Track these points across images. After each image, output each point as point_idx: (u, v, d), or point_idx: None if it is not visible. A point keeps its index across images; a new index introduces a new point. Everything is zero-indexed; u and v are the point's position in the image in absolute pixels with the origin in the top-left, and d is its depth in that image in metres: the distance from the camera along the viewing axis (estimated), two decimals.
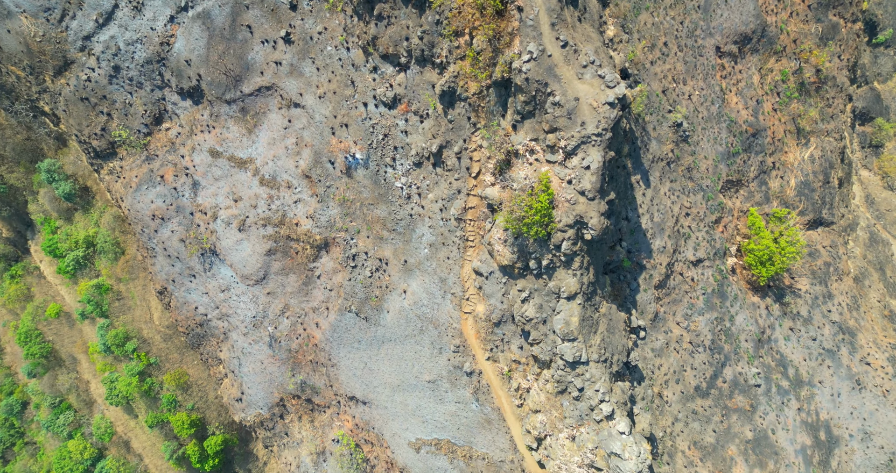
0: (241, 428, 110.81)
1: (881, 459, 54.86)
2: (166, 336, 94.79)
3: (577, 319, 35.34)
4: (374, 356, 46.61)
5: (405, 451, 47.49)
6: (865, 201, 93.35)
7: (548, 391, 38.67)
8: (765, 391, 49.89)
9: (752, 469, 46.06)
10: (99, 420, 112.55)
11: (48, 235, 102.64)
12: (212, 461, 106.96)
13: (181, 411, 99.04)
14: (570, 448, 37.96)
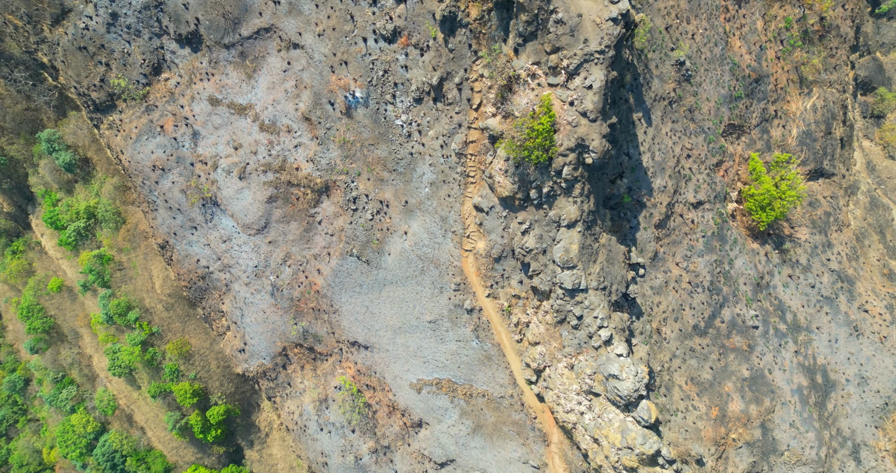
0: (244, 399, 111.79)
1: (877, 403, 55.49)
2: (168, 305, 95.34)
3: (577, 246, 35.55)
4: (376, 300, 46.92)
5: (406, 393, 48.02)
6: (866, 167, 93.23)
7: (547, 322, 39.02)
8: (762, 334, 50.34)
9: (749, 404, 46.63)
10: (101, 394, 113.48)
11: (49, 207, 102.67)
12: (214, 431, 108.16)
13: (184, 381, 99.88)
14: (569, 376, 38.40)
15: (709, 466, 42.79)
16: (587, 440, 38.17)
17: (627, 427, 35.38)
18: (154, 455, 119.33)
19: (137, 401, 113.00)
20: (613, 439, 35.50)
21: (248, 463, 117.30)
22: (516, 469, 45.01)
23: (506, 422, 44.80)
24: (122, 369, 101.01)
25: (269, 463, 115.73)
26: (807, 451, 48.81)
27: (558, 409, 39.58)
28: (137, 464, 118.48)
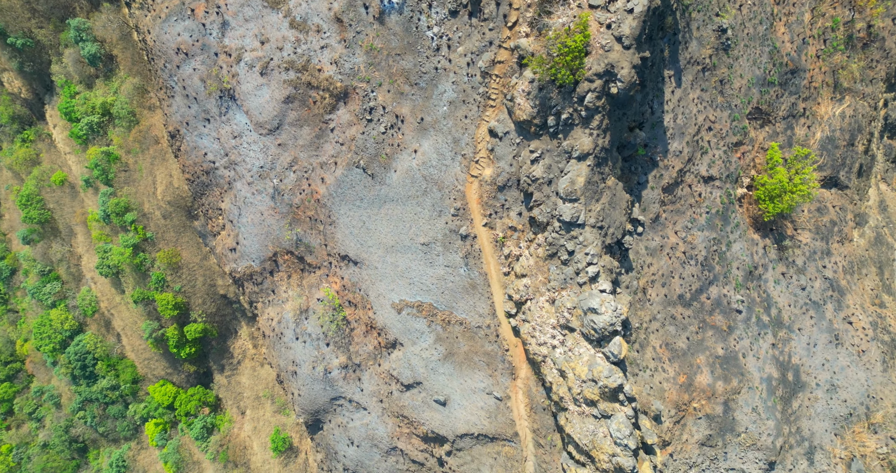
0: (223, 322, 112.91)
1: (841, 411, 56.00)
2: (166, 213, 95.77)
3: (584, 179, 35.49)
4: (374, 216, 47.01)
5: (387, 312, 48.43)
6: (879, 205, 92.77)
7: (538, 255, 39.16)
8: (744, 319, 50.58)
9: (717, 380, 47.06)
10: (85, 293, 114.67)
11: (66, 98, 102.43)
12: (189, 348, 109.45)
13: (168, 292, 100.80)
14: (548, 310, 38.69)
15: (665, 425, 43.34)
16: (554, 373, 38.62)
17: (596, 361, 35.75)
18: (125, 364, 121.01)
19: (119, 306, 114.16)
20: (580, 371, 35.90)
21: (215, 388, 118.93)
22: (479, 399, 45.63)
23: (478, 352, 45.28)
24: (110, 269, 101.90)
25: (236, 391, 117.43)
26: (763, 438, 49.40)
27: (531, 341, 39.98)
28: (107, 370, 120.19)
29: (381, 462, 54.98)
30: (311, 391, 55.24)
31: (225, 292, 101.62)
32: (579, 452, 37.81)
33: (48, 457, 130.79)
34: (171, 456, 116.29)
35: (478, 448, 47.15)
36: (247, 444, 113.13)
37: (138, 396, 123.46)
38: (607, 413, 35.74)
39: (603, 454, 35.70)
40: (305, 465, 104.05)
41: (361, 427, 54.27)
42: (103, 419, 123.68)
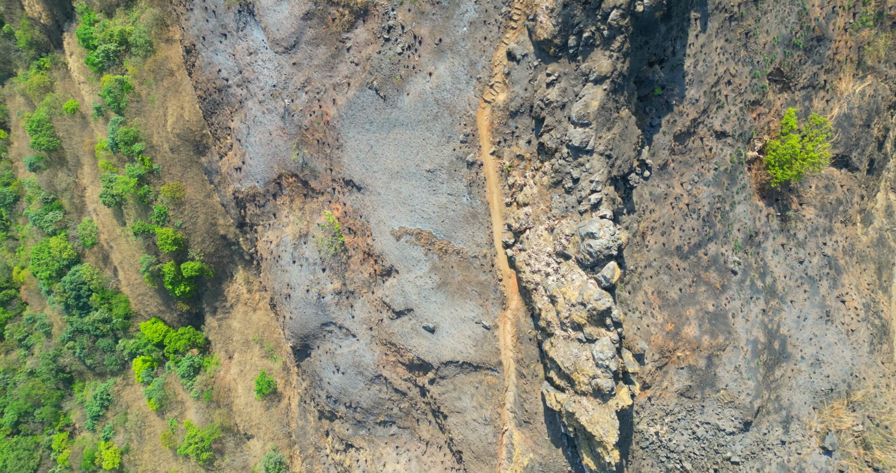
0: (220, 264, 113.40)
1: (823, 386, 56.47)
2: (174, 147, 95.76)
3: (598, 104, 35.36)
4: (382, 140, 46.96)
5: (386, 239, 48.64)
6: (885, 210, 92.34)
7: (542, 184, 39.19)
8: (738, 281, 50.76)
9: (703, 335, 47.39)
10: (86, 223, 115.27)
11: (85, 24, 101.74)
12: (184, 286, 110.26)
13: (169, 226, 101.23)
14: (546, 238, 38.83)
15: (648, 368, 43.76)
16: (544, 300, 38.91)
17: (587, 286, 35.98)
18: (119, 299, 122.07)
19: (118, 239, 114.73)
20: (570, 295, 36.15)
21: (205, 329, 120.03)
22: (467, 327, 46.04)
23: (471, 282, 45.57)
24: (113, 199, 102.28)
25: (226, 334, 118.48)
26: (742, 397, 49.89)
27: (525, 270, 40.21)
28: (101, 302, 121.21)
29: (364, 391, 55.70)
30: (303, 315, 55.73)
31: (225, 232, 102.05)
32: (560, 377, 38.24)
33: (33, 384, 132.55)
34: (156, 393, 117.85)
35: (461, 377, 47.70)
36: (231, 387, 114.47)
37: (129, 332, 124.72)
38: (592, 338, 36.08)
39: (583, 376, 36.10)
40: (287, 410, 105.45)
41: (349, 353, 54.88)
42: (92, 351, 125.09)
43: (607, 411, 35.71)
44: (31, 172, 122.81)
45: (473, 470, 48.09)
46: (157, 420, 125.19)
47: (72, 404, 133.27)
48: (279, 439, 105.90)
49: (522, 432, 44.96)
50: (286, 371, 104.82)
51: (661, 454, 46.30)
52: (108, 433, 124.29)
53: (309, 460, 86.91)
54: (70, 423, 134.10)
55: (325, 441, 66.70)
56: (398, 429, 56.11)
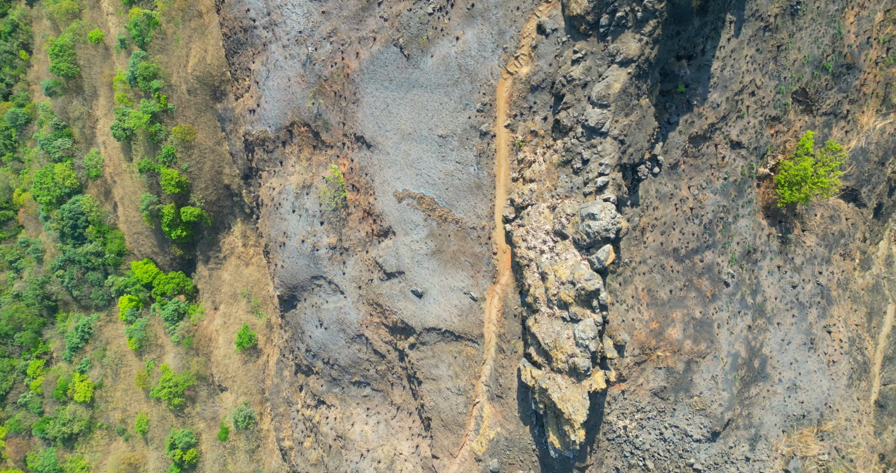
0: (219, 214, 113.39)
1: (795, 411, 56.72)
2: (192, 89, 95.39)
3: (620, 86, 35.20)
4: (399, 100, 46.77)
5: (388, 199, 48.63)
6: (885, 258, 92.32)
7: (551, 162, 39.11)
8: (729, 293, 50.81)
9: (686, 339, 47.53)
10: (93, 154, 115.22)
11: None
12: (180, 230, 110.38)
13: (174, 168, 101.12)
14: (547, 216, 38.83)
15: (626, 361, 43.94)
16: (535, 277, 38.99)
17: (580, 266, 36.05)
18: (115, 235, 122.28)
19: (123, 174, 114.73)
20: (562, 274, 36.22)
21: (195, 278, 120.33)
22: (455, 297, 46.18)
23: (466, 253, 45.62)
24: (124, 132, 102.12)
25: (215, 285, 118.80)
26: (714, 407, 50.13)
27: (521, 244, 40.25)
28: (97, 235, 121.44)
29: (343, 349, 55.98)
30: (295, 265, 55.87)
31: (230, 182, 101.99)
32: (539, 353, 38.42)
33: (17, 308, 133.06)
34: (137, 333, 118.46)
35: (441, 345, 47.92)
36: (213, 337, 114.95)
37: (120, 269, 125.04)
38: (577, 317, 36.19)
39: (562, 354, 36.26)
40: (264, 367, 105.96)
41: (334, 309, 55.08)
42: (80, 282, 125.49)
43: (580, 390, 35.90)
44: (47, 96, 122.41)
45: (440, 438, 48.46)
46: (135, 361, 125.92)
47: (52, 333, 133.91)
48: (252, 394, 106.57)
49: (493, 406, 45.24)
50: (269, 329, 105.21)
51: (626, 449, 46.61)
52: (85, 366, 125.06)
53: (279, 418, 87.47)
54: (48, 352, 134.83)
55: (297, 396, 67.14)
56: (371, 391, 56.47)
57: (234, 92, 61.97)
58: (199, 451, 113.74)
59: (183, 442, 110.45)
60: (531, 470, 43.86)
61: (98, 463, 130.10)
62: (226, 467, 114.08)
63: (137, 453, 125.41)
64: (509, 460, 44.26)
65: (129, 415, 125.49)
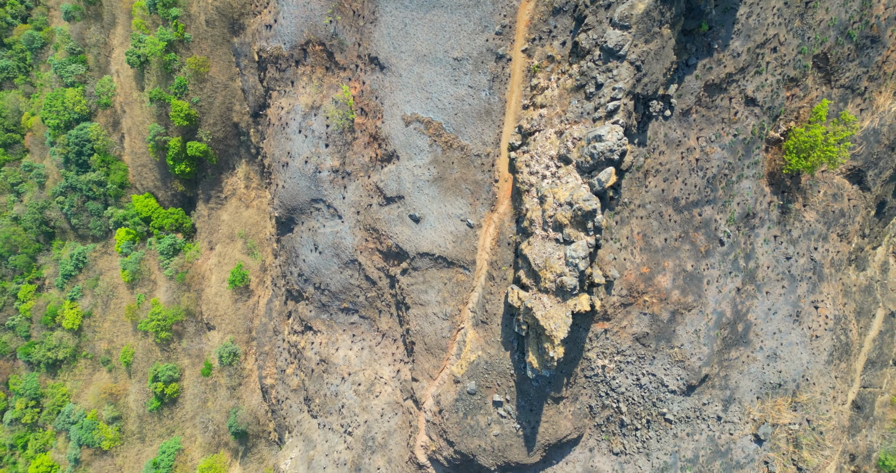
0: (225, 154, 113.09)
1: (772, 380, 57.45)
2: (211, 20, 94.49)
3: (644, 8, 34.96)
4: (418, 20, 46.41)
5: (395, 123, 48.58)
6: (881, 265, 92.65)
7: (564, 87, 39.03)
8: (723, 253, 51.10)
9: (674, 289, 47.94)
10: (106, 81, 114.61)
11: None
12: (184, 165, 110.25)
13: (185, 100, 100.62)
14: (553, 141, 38.88)
15: (613, 299, 44.36)
16: (533, 201, 39.19)
17: (580, 188, 36.22)
18: (119, 166, 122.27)
19: (133, 104, 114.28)
20: (561, 195, 36.41)
21: (194, 216, 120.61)
22: (452, 223, 46.42)
23: (467, 180, 45.74)
24: (139, 59, 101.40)
25: (214, 225, 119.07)
26: (693, 360, 50.75)
27: (524, 170, 40.37)
28: (100, 164, 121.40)
29: (336, 274, 56.40)
30: (296, 186, 56.02)
31: (239, 120, 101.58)
32: (528, 275, 38.78)
33: (15, 230, 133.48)
34: (131, 266, 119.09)
35: (433, 271, 48.31)
36: (206, 275, 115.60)
37: (120, 202, 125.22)
38: (570, 239, 36.47)
39: (550, 273, 36.62)
40: (254, 308, 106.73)
41: (331, 234, 55.38)
42: (80, 211, 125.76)
43: (564, 309, 36.32)
44: (66, 21, 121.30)
45: (421, 362, 49.11)
46: (126, 293, 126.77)
47: (47, 259, 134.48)
48: (239, 334, 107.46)
49: (477, 331, 45.78)
50: (263, 272, 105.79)
51: (602, 389, 47.29)
52: (76, 294, 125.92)
53: (263, 356, 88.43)
54: (41, 278, 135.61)
55: (285, 324, 67.84)
56: (359, 318, 57.03)
57: (253, 8, 61.49)
58: (180, 387, 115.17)
59: (166, 376, 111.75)
60: (506, 395, 44.53)
61: (79, 391, 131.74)
62: (205, 404, 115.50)
63: (119, 384, 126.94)
64: (486, 383, 44.91)
65: (114, 347, 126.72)
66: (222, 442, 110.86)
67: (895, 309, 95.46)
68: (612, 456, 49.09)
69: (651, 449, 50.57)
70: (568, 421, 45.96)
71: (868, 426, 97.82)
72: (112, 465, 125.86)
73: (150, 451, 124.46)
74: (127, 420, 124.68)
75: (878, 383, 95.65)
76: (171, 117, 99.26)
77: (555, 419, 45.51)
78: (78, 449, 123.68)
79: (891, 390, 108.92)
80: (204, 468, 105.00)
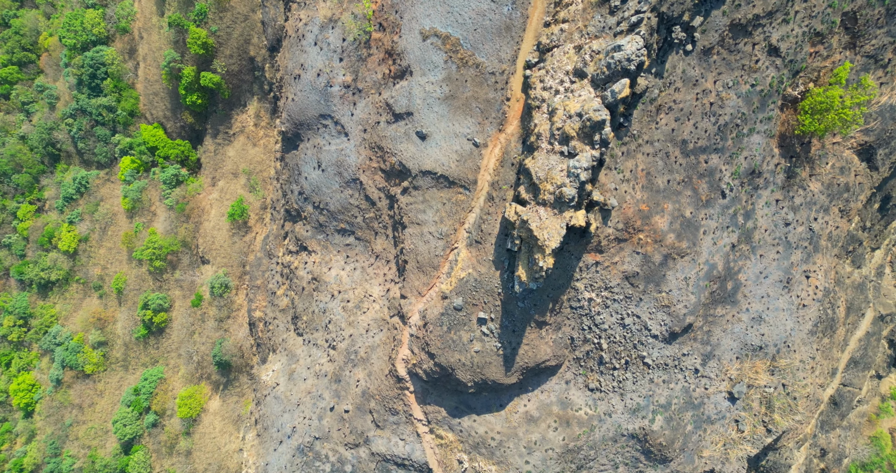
0: (238, 89, 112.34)
1: (754, 342, 57.98)
2: None
3: None
4: None
5: (413, 36, 48.23)
6: (877, 268, 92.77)
7: (590, 1, 38.69)
8: (723, 206, 51.17)
9: (670, 232, 48.10)
10: (127, 4, 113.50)
11: None
12: (196, 96, 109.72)
13: (204, 29, 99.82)
14: (570, 56, 38.69)
15: (608, 230, 44.55)
16: (543, 117, 39.13)
17: (592, 100, 36.15)
18: (130, 94, 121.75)
19: (151, 30, 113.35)
20: (571, 108, 36.36)
21: (200, 151, 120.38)
22: (458, 142, 46.40)
23: (479, 99, 45.60)
24: None
25: (218, 161, 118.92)
26: (679, 307, 51.16)
27: (537, 86, 40.23)
28: (112, 90, 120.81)
29: (336, 193, 56.54)
30: (306, 99, 55.86)
31: (255, 54, 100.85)
32: (528, 190, 38.89)
33: (21, 149, 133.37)
34: (133, 193, 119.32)
35: (433, 191, 48.43)
36: (206, 209, 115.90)
37: (128, 130, 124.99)
38: (575, 151, 36.51)
39: (550, 185, 36.74)
40: (251, 244, 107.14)
41: (335, 151, 55.37)
42: (87, 135, 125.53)
43: (559, 221, 36.51)
44: None
45: (411, 280, 49.49)
46: (125, 222, 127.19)
47: (50, 181, 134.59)
48: (233, 268, 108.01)
49: (470, 251, 46.06)
50: (262, 210, 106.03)
51: (586, 322, 47.73)
52: (74, 217, 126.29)
53: (254, 290, 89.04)
54: (42, 199, 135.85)
55: (280, 245, 68.17)
56: (354, 240, 57.31)
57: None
58: (169, 317, 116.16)
59: (155, 304, 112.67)
60: (491, 314, 44.99)
61: (68, 315, 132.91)
62: (192, 336, 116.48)
63: (109, 311, 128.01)
64: (473, 300, 45.34)
65: (107, 273, 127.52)
66: (205, 375, 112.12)
67: (885, 313, 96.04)
68: (588, 392, 49.73)
69: (626, 390, 51.20)
70: (548, 347, 46.48)
71: (843, 428, 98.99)
72: (93, 389, 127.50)
73: (133, 379, 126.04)
74: (112, 346, 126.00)
75: (859, 383, 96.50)
76: (188, 45, 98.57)
77: (535, 343, 46.01)
78: (61, 371, 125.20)
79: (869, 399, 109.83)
80: (184, 396, 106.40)
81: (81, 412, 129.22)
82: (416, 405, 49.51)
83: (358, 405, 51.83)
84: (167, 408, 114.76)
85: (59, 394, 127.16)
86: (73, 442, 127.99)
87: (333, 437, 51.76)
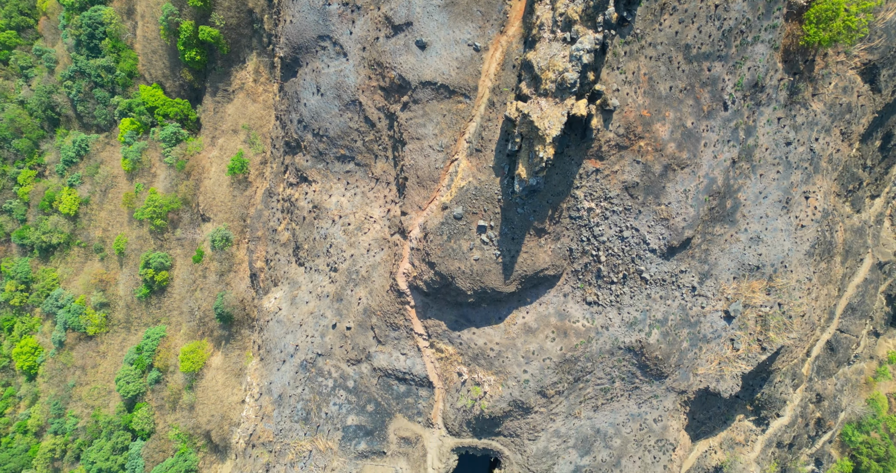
0: (236, 44, 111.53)
1: (752, 262, 58.17)
2: None
3: None
4: None
5: None
6: (876, 216, 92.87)
7: None
8: (725, 118, 50.96)
9: (671, 141, 48.03)
10: None
11: None
12: (195, 53, 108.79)
13: None
14: None
15: (609, 135, 44.43)
16: (545, 7, 38.79)
17: None
18: (129, 54, 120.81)
19: None
20: None
21: (199, 110, 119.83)
22: (458, 49, 46.13)
23: (480, 2, 45.19)
24: None
25: (218, 120, 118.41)
26: (678, 220, 51.24)
27: None
28: (111, 50, 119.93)
29: (336, 117, 56.39)
30: (305, 20, 55.39)
31: (253, 6, 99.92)
32: (529, 84, 38.72)
33: (20, 113, 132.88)
34: (133, 154, 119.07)
35: (433, 103, 48.27)
36: (206, 167, 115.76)
37: (127, 92, 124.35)
38: (578, 35, 36.27)
39: (552, 73, 36.58)
40: (251, 199, 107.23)
41: (334, 74, 55.10)
42: (87, 97, 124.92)
43: (560, 109, 36.44)
44: None
45: (412, 195, 49.57)
46: (125, 184, 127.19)
47: (50, 146, 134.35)
48: (234, 223, 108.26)
49: (470, 160, 46.06)
50: (262, 165, 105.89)
51: (584, 233, 47.84)
52: (75, 180, 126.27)
53: (255, 242, 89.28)
54: (42, 164, 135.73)
55: (281, 180, 68.19)
56: (354, 166, 57.31)
57: None
58: (170, 276, 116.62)
59: (157, 262, 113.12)
60: (491, 221, 45.13)
61: (70, 278, 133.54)
62: (194, 293, 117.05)
63: (110, 273, 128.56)
64: (473, 209, 45.44)
65: (109, 235, 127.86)
66: (207, 331, 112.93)
67: (883, 260, 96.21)
68: (585, 305, 50.05)
69: (623, 304, 51.50)
70: (547, 256, 46.68)
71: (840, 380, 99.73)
72: (95, 351, 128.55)
73: (135, 340, 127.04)
74: (115, 307, 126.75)
75: (856, 331, 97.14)
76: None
77: (534, 251, 46.19)
78: (63, 332, 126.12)
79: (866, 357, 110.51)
80: (186, 351, 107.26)
81: (84, 373, 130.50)
82: (416, 320, 49.87)
83: (359, 322, 52.22)
84: (170, 365, 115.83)
85: (62, 356, 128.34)
86: (77, 403, 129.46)
87: (336, 354, 52.24)
